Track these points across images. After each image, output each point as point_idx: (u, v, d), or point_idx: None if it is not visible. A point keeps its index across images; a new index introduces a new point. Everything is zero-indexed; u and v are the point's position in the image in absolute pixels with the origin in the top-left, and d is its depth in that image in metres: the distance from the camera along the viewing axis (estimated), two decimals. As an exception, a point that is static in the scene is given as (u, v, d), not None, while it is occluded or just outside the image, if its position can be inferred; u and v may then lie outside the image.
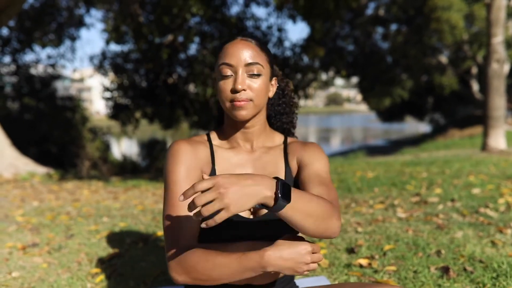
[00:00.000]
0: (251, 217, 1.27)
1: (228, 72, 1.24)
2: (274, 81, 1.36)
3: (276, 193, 0.99)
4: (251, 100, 1.25)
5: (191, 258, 1.14)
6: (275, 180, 1.01)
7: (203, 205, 0.93)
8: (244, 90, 1.24)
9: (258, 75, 1.26)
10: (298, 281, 1.85)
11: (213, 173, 1.31)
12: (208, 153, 1.33)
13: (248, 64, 1.24)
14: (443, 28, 16.32)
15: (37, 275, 2.34)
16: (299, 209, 1.03)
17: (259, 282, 1.27)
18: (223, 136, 1.38)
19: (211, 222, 0.95)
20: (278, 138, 1.42)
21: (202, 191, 0.95)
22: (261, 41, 1.32)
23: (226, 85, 1.24)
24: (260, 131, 1.35)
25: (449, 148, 14.53)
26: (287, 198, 0.99)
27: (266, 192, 0.98)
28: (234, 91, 1.23)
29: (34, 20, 11.97)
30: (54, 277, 2.30)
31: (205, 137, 1.37)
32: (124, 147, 24.16)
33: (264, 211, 1.25)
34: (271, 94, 1.35)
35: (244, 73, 1.24)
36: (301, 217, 1.04)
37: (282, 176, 1.35)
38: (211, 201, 0.94)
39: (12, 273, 2.36)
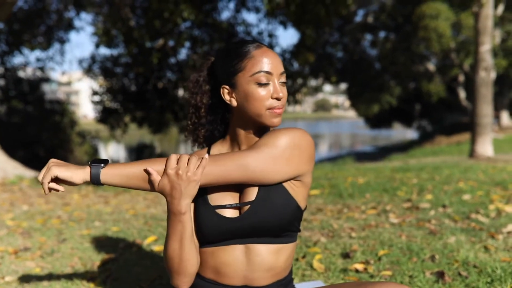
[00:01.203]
0: (237, 215, 1.29)
1: (265, 80, 1.27)
2: None
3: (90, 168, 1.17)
4: (283, 106, 1.31)
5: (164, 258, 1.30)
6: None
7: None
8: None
9: (285, 83, 1.33)
10: (296, 284, 1.85)
11: None
12: None
13: (282, 73, 1.30)
14: (430, 36, 16.53)
15: (30, 280, 2.31)
16: (117, 174, 1.18)
17: (258, 284, 1.30)
18: (224, 145, 1.41)
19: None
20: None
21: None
22: None
23: (264, 93, 1.27)
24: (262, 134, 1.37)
25: (437, 154, 14.66)
26: (97, 168, 1.17)
27: (83, 170, 1.18)
28: (277, 99, 1.28)
29: (23, 22, 11.87)
30: (48, 282, 2.27)
31: (206, 150, 1.42)
32: (112, 152, 24.02)
33: (246, 208, 1.26)
34: None
35: (277, 81, 1.29)
36: (125, 180, 1.19)
37: None
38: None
39: (5, 278, 2.33)
